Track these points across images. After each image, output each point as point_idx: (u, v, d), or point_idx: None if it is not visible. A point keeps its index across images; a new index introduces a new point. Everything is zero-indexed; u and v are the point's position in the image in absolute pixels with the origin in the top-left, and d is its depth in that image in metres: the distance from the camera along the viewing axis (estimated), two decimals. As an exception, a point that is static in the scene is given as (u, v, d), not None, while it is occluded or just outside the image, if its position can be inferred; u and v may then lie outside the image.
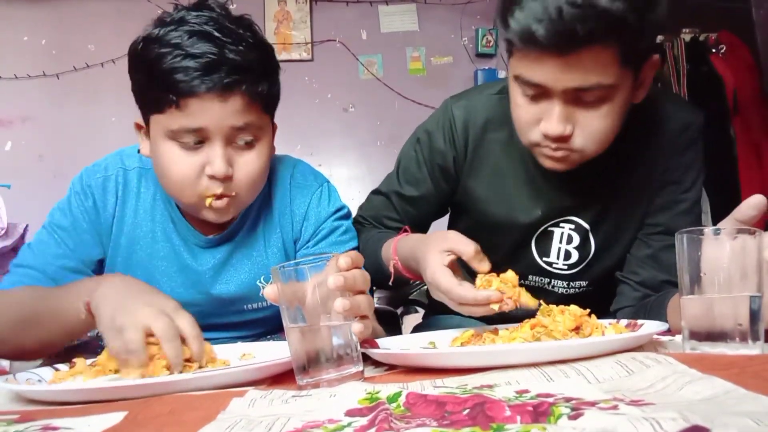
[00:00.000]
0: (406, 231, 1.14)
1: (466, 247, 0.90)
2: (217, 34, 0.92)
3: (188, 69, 0.90)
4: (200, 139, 0.95)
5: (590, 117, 0.94)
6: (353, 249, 1.14)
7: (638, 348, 0.73)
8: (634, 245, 1.17)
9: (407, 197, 1.24)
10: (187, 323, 0.81)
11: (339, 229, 1.16)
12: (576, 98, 0.93)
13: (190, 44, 0.91)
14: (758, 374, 0.56)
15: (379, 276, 1.11)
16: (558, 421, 0.46)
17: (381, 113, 3.81)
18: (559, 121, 0.94)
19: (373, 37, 3.88)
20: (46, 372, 0.83)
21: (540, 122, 0.97)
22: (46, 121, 3.64)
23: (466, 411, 0.51)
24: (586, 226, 1.15)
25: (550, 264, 1.19)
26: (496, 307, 0.84)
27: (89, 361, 0.86)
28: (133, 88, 0.99)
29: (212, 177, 0.96)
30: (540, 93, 0.95)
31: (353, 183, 3.69)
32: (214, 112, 0.93)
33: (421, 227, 1.29)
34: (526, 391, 0.57)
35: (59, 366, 0.86)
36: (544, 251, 1.18)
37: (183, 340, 0.79)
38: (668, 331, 0.80)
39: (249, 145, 0.99)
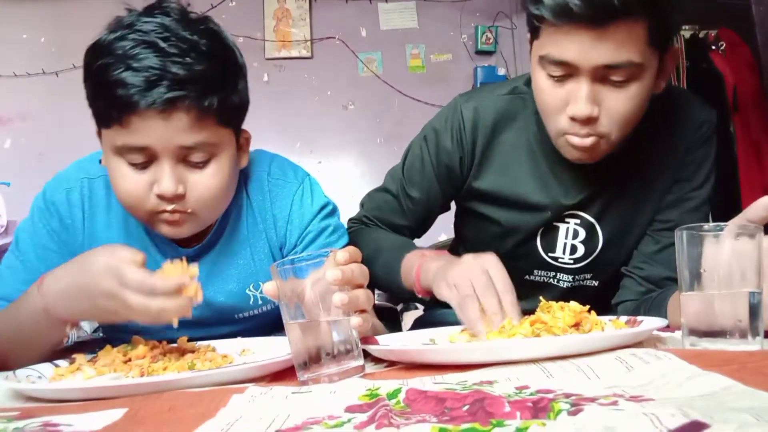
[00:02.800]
0: (420, 251, 1.11)
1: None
2: (162, 44, 0.86)
3: (129, 84, 0.84)
4: (147, 158, 0.89)
5: (617, 98, 0.94)
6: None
7: (638, 344, 0.73)
8: (643, 241, 1.17)
9: (413, 198, 1.24)
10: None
11: (327, 229, 1.09)
12: (603, 77, 0.93)
13: (133, 56, 0.85)
14: (758, 370, 0.56)
15: (396, 292, 1.11)
16: (558, 417, 0.46)
17: (380, 110, 3.80)
18: (587, 101, 0.94)
19: (373, 35, 3.88)
20: (46, 368, 0.83)
21: (566, 107, 0.96)
22: (45, 119, 3.64)
23: (466, 407, 0.51)
24: (592, 219, 1.15)
25: (555, 259, 1.19)
26: (484, 333, 0.83)
27: (89, 356, 0.86)
28: (86, 98, 0.93)
29: (160, 196, 0.90)
30: (567, 73, 0.95)
31: (352, 180, 3.68)
32: (158, 130, 0.86)
33: (426, 224, 1.30)
34: (526, 387, 0.57)
35: (59, 362, 0.86)
36: (550, 247, 1.18)
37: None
38: (668, 327, 0.80)
39: (203, 163, 0.93)
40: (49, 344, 0.91)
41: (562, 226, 1.16)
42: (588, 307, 0.83)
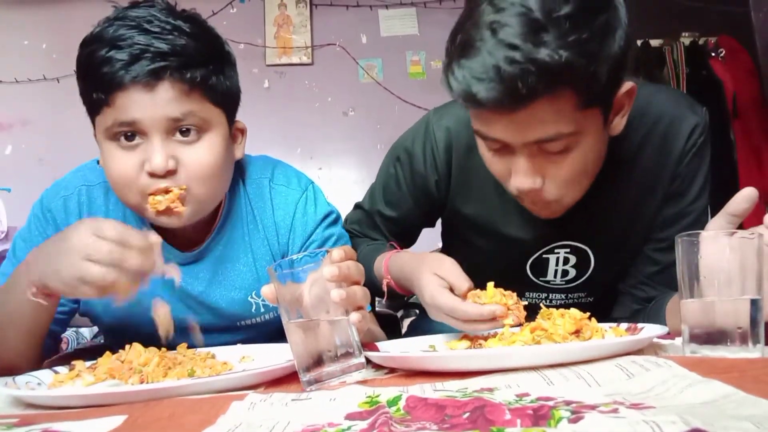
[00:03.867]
0: (394, 246, 1.12)
1: (461, 284, 0.87)
2: (147, 26, 0.88)
3: (114, 60, 0.87)
4: (134, 131, 0.90)
5: (559, 167, 0.88)
6: None
7: (638, 351, 0.73)
8: (640, 260, 1.11)
9: (389, 217, 1.21)
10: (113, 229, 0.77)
11: (330, 239, 1.09)
12: (539, 150, 0.87)
13: (118, 36, 0.88)
14: (758, 378, 0.56)
15: (373, 291, 1.10)
16: (558, 425, 0.46)
17: (381, 117, 3.81)
18: (527, 176, 0.88)
19: (373, 41, 3.89)
20: (46, 375, 0.83)
21: (510, 175, 0.91)
22: (46, 124, 3.65)
23: (466, 414, 0.50)
24: (583, 246, 1.10)
25: (547, 282, 1.16)
26: (509, 321, 0.82)
27: (88, 363, 0.85)
28: (80, 95, 0.94)
29: (152, 174, 0.89)
30: (503, 147, 0.89)
31: (353, 187, 3.68)
32: (144, 103, 0.88)
33: (408, 240, 1.28)
34: (527, 395, 0.57)
35: (58, 369, 0.85)
36: (541, 272, 1.15)
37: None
38: (668, 335, 0.80)
39: (195, 138, 0.92)
40: (34, 323, 0.90)
41: (552, 257, 1.12)
42: (588, 314, 0.83)
